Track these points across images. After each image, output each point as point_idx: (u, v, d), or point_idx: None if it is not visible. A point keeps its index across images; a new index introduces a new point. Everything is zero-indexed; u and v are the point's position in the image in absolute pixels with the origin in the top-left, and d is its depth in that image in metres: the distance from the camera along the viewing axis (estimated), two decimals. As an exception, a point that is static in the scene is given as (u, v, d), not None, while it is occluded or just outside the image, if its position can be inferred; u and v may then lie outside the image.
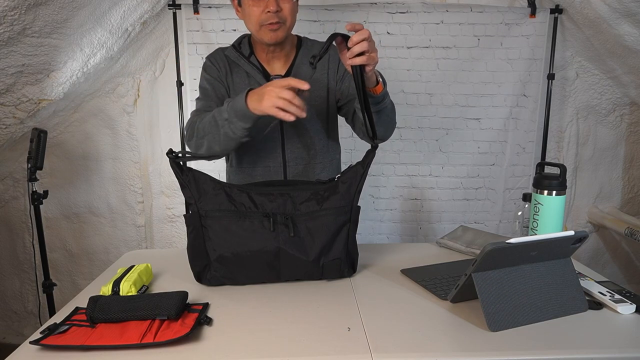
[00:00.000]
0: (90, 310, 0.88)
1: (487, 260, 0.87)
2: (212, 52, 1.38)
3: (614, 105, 2.43)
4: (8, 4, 1.49)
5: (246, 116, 1.07)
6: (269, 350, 0.81)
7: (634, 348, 0.82)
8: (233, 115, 1.08)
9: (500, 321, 0.87)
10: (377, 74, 1.10)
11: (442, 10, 2.23)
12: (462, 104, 2.33)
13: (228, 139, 1.13)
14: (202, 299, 1.02)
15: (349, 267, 1.13)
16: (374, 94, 1.11)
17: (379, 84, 1.11)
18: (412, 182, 2.43)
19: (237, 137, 1.12)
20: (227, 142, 1.14)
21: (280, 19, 1.22)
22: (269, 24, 1.22)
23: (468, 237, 1.40)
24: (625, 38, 1.96)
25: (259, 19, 1.22)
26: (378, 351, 0.80)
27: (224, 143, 1.15)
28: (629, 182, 2.58)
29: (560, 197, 1.17)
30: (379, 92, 1.11)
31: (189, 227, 1.06)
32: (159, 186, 2.49)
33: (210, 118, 1.15)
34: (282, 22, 1.23)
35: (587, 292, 1.01)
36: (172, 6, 2.18)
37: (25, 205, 2.40)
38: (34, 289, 2.47)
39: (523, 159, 2.40)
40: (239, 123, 1.08)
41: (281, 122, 1.32)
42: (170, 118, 2.41)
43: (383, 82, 1.12)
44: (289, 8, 1.23)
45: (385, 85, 1.13)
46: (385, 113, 1.18)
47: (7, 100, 1.91)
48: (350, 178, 1.09)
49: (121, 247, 2.52)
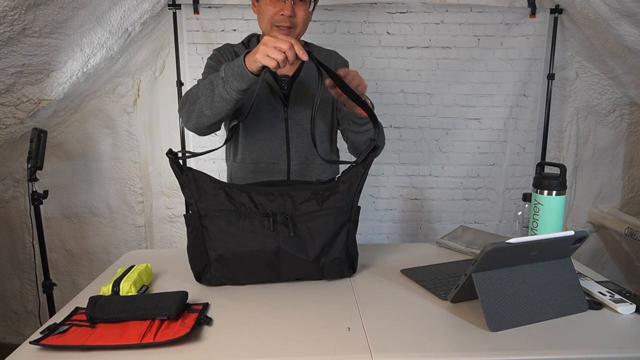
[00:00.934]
0: (90, 310, 0.88)
1: (487, 260, 0.87)
2: (220, 46, 1.39)
3: (614, 105, 2.43)
4: (8, 4, 1.49)
5: (243, 75, 1.04)
6: (269, 350, 0.81)
7: (634, 348, 0.82)
8: (230, 74, 1.06)
9: (500, 321, 0.87)
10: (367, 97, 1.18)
11: (442, 10, 2.23)
12: (462, 104, 2.33)
13: (221, 100, 1.10)
14: (202, 299, 1.02)
15: (349, 267, 1.13)
16: (362, 115, 1.18)
17: None
18: (412, 182, 2.43)
19: (230, 97, 1.08)
20: (219, 104, 1.10)
21: (292, 24, 1.26)
22: (281, 26, 1.25)
23: (468, 237, 1.40)
24: (625, 38, 1.96)
25: (272, 19, 1.25)
26: (378, 351, 0.80)
27: (216, 105, 1.11)
28: (629, 182, 2.58)
29: (560, 197, 1.17)
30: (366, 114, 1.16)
31: (189, 227, 1.06)
32: (159, 186, 2.49)
33: (207, 81, 1.13)
34: (293, 27, 1.27)
35: (587, 292, 1.01)
36: (172, 6, 2.18)
37: (25, 205, 2.40)
38: (34, 289, 2.47)
39: (523, 159, 2.40)
40: (235, 83, 1.06)
41: (286, 120, 1.34)
42: (170, 118, 2.41)
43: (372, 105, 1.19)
44: (303, 16, 1.27)
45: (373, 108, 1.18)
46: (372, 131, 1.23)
47: (7, 100, 1.91)
48: (351, 178, 1.09)
49: (121, 247, 2.52)
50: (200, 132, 1.22)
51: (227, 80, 1.06)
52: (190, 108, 1.17)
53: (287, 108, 1.34)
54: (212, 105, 1.11)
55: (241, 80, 1.05)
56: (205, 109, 1.13)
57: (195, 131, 1.22)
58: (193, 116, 1.16)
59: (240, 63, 1.04)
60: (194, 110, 1.15)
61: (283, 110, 1.34)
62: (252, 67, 1.02)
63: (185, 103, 1.19)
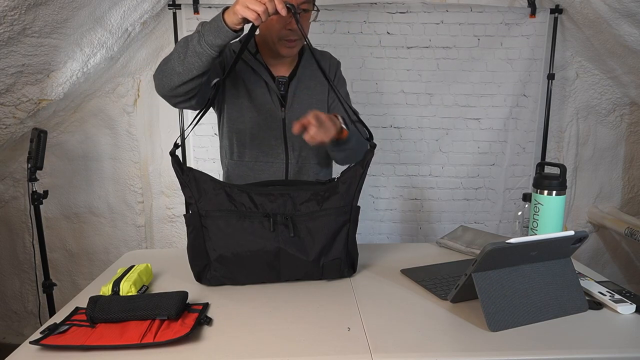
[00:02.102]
0: (90, 310, 0.88)
1: (487, 260, 0.87)
2: None
3: (614, 105, 2.43)
4: (8, 4, 1.49)
5: (219, 29, 1.01)
6: (269, 350, 0.81)
7: (634, 348, 0.82)
8: (207, 28, 1.04)
9: (500, 321, 0.87)
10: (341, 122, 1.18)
11: (442, 10, 2.23)
12: (462, 104, 2.33)
13: (194, 55, 1.05)
14: (202, 299, 1.02)
15: (349, 267, 1.13)
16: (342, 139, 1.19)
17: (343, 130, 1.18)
18: (412, 182, 2.43)
19: (203, 52, 1.04)
20: (192, 59, 1.05)
21: (298, 36, 1.28)
22: (288, 40, 1.27)
23: (468, 237, 1.40)
24: (625, 38, 1.96)
25: (279, 33, 1.26)
26: (378, 351, 0.80)
27: (189, 61, 1.06)
28: (629, 182, 2.58)
29: (560, 197, 1.17)
30: (345, 136, 1.19)
31: (189, 227, 1.07)
32: (159, 186, 2.49)
33: (183, 39, 1.10)
34: (299, 40, 1.29)
35: (587, 292, 1.01)
36: (172, 6, 2.18)
37: (25, 205, 2.40)
38: (34, 289, 2.47)
39: (523, 159, 2.40)
40: (210, 37, 1.03)
41: (284, 119, 1.34)
42: (170, 118, 2.40)
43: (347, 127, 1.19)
44: (307, 27, 1.31)
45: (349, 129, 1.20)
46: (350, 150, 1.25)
47: (7, 100, 1.91)
48: (350, 178, 1.09)
49: (121, 247, 2.52)
50: (171, 95, 1.15)
51: (203, 34, 1.04)
52: (162, 68, 1.13)
53: (284, 108, 1.34)
54: (184, 61, 1.06)
55: (217, 35, 1.02)
56: (176, 66, 1.08)
57: (166, 95, 1.17)
58: (164, 76, 1.12)
59: (218, 17, 1.02)
60: (166, 69, 1.11)
61: (281, 110, 1.34)
62: (232, 20, 1.00)
63: (159, 67, 1.15)
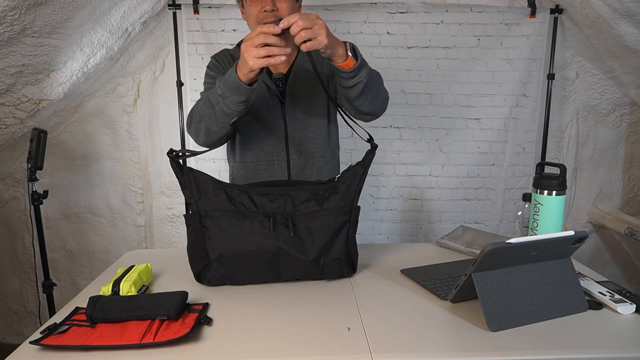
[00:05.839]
0: (90, 310, 0.88)
1: (487, 260, 0.87)
2: (217, 52, 1.40)
3: (614, 105, 2.43)
4: (8, 4, 1.49)
5: (239, 88, 1.04)
6: (269, 350, 0.81)
7: (634, 348, 0.82)
8: (226, 89, 1.06)
9: (500, 321, 0.87)
10: (348, 48, 1.06)
11: (442, 10, 2.23)
12: (462, 104, 2.33)
13: (224, 116, 1.10)
14: (202, 299, 1.02)
15: (349, 267, 1.13)
16: (344, 69, 1.06)
17: (348, 58, 1.06)
18: (412, 182, 2.43)
19: (232, 112, 1.09)
20: (223, 119, 1.11)
21: (277, 18, 1.21)
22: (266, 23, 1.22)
23: (468, 237, 1.40)
24: (625, 38, 1.96)
25: (257, 18, 1.24)
26: (378, 351, 0.80)
27: (221, 121, 1.12)
28: (629, 182, 2.58)
29: (560, 197, 1.17)
30: (350, 67, 1.06)
31: (189, 227, 1.06)
32: (159, 186, 2.49)
33: (205, 99, 1.14)
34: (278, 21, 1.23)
35: (587, 292, 1.01)
36: (172, 6, 2.18)
37: (25, 205, 2.40)
38: (34, 289, 2.47)
39: (523, 159, 2.40)
40: (233, 97, 1.06)
41: (284, 117, 1.34)
42: (170, 118, 2.41)
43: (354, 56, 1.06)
44: (286, 7, 1.24)
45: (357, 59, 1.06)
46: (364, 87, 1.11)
47: (7, 100, 1.91)
48: (350, 178, 1.09)
49: (121, 247, 2.52)
50: (213, 146, 1.21)
51: (225, 96, 1.07)
52: (197, 127, 1.18)
53: (284, 105, 1.34)
54: (217, 122, 1.13)
55: (238, 93, 1.05)
56: (211, 126, 1.14)
57: (208, 146, 1.20)
58: (201, 134, 1.18)
59: (233, 77, 1.04)
60: (201, 128, 1.17)
61: (280, 107, 1.34)
62: (247, 77, 1.02)
63: (191, 122, 1.21)
